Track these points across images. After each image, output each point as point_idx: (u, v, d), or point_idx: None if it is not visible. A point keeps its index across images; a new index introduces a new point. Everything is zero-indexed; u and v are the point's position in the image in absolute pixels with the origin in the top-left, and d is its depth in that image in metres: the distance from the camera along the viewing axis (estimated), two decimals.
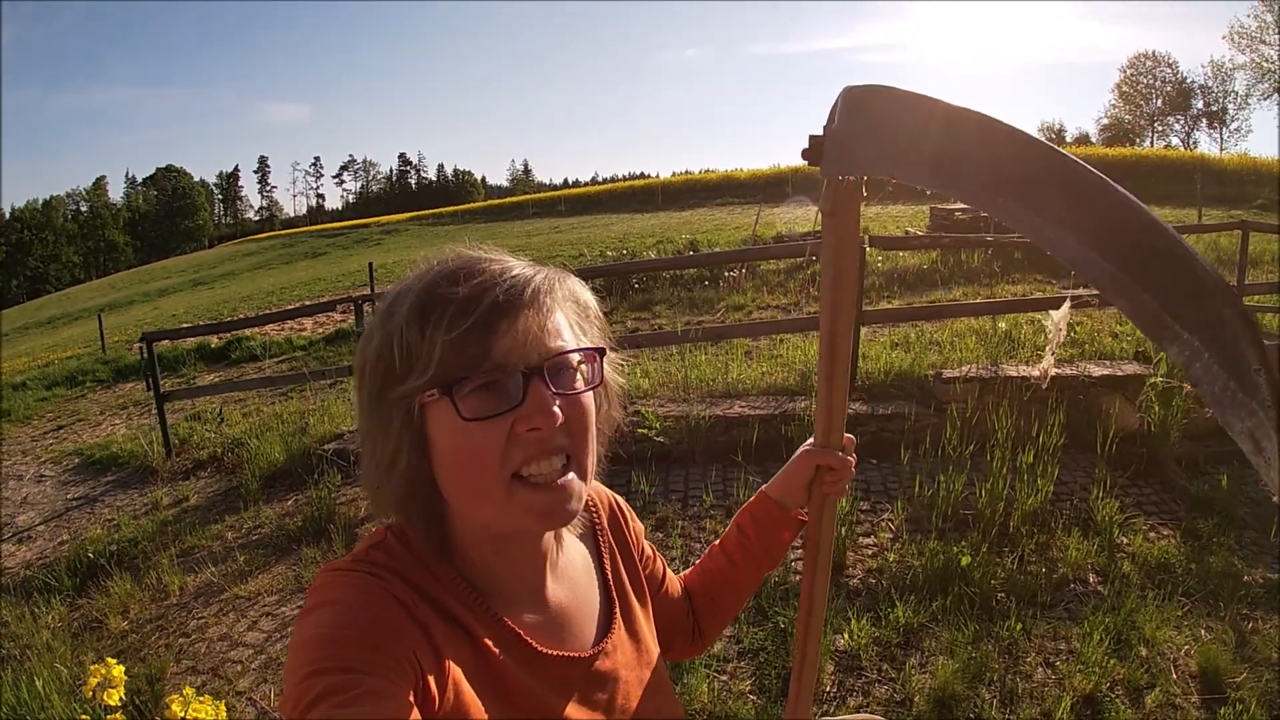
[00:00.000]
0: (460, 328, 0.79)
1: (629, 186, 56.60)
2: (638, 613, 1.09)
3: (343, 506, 5.71)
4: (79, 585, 5.27)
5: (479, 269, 0.84)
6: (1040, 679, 3.44)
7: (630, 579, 1.12)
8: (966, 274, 11.87)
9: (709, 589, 1.28)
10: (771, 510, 1.21)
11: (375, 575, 0.82)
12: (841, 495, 1.17)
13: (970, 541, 4.32)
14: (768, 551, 1.23)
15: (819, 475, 1.14)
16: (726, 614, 1.30)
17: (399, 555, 0.87)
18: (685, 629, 1.27)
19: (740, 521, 1.25)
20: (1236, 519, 4.62)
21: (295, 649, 0.76)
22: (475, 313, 0.80)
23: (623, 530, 1.15)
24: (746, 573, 1.24)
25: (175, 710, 1.91)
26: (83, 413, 11.48)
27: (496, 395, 0.81)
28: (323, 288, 23.27)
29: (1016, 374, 5.74)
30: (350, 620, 0.76)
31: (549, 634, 0.94)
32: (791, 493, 1.19)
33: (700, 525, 4.93)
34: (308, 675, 0.71)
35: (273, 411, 8.81)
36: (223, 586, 4.88)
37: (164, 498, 6.79)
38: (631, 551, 1.15)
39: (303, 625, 0.78)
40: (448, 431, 0.82)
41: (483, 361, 0.80)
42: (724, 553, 1.26)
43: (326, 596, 0.80)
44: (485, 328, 0.80)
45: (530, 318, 0.82)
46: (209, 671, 4.04)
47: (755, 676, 3.59)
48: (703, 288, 12.96)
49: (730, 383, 6.83)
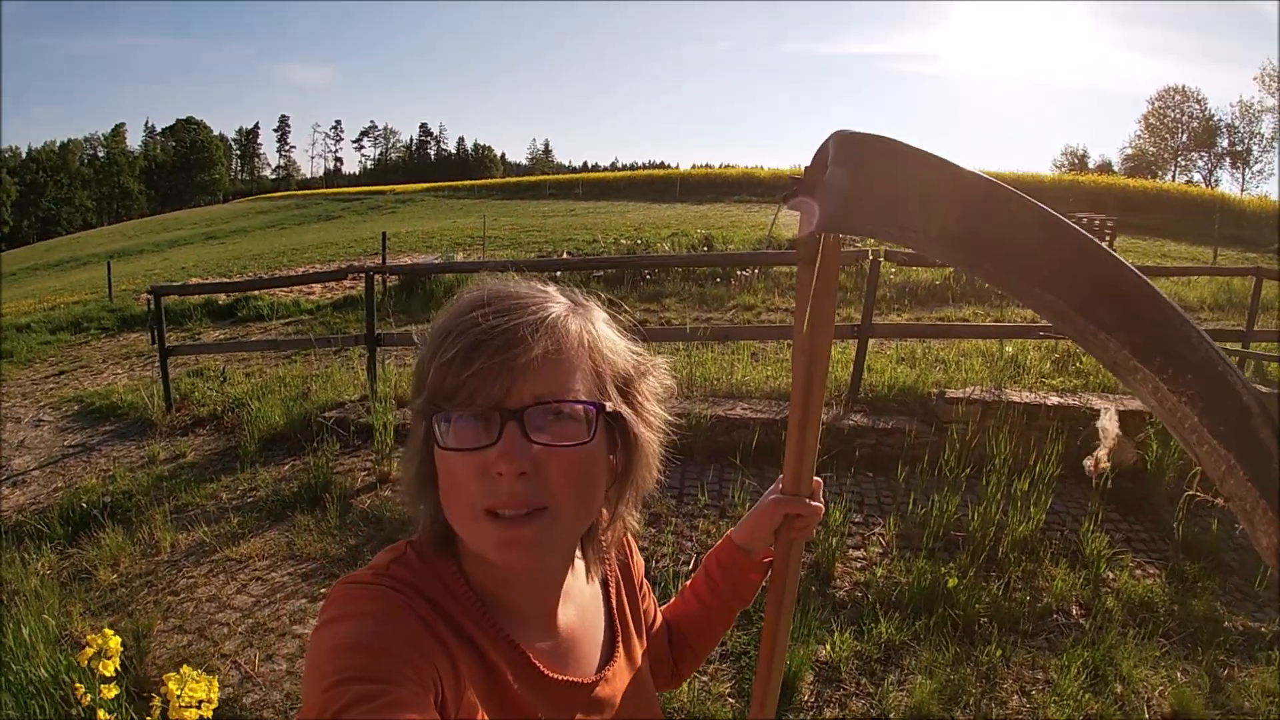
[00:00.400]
0: (444, 356, 0.80)
1: (648, 175, 56.27)
2: (636, 643, 1.10)
3: (339, 476, 5.74)
4: (71, 534, 5.32)
5: (498, 301, 0.83)
6: (1015, 706, 3.47)
7: (631, 610, 1.13)
8: (978, 293, 11.88)
9: (683, 629, 1.29)
10: (737, 556, 1.21)
11: (397, 590, 0.83)
12: (808, 539, 1.18)
13: (959, 563, 4.34)
14: (736, 593, 1.23)
15: (787, 522, 1.13)
16: (700, 653, 1.31)
17: (418, 570, 0.87)
18: (664, 666, 1.28)
19: (708, 565, 1.26)
20: (1223, 564, 4.64)
21: (317, 659, 0.75)
22: (460, 344, 0.80)
23: (628, 561, 1.17)
24: (717, 614, 1.25)
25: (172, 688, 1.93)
26: (85, 359, 11.52)
27: (474, 430, 0.80)
28: (334, 252, 23.26)
29: (1019, 400, 5.75)
30: (374, 632, 0.77)
31: (555, 658, 0.95)
32: (758, 539, 1.18)
33: (693, 524, 4.95)
34: (335, 684, 0.71)
35: (275, 374, 8.83)
36: (214, 547, 4.92)
37: (161, 452, 6.82)
38: (635, 583, 1.17)
39: (323, 636, 0.77)
40: (439, 453, 0.83)
41: (456, 394, 0.80)
42: (695, 595, 1.27)
43: (349, 609, 0.80)
44: (463, 362, 0.79)
45: (518, 358, 0.80)
46: (195, 632, 4.08)
47: (736, 680, 3.63)
48: (714, 284, 12.95)
49: (734, 383, 6.84)
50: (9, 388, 10.03)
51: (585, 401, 0.84)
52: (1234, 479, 0.54)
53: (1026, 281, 0.63)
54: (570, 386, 0.83)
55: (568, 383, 0.83)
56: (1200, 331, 0.56)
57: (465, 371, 0.79)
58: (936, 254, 0.69)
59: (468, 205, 44.21)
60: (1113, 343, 0.58)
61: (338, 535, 4.96)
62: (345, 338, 8.80)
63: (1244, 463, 0.53)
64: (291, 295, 14.55)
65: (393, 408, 6.12)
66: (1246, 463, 0.53)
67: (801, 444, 1.08)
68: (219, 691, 3.51)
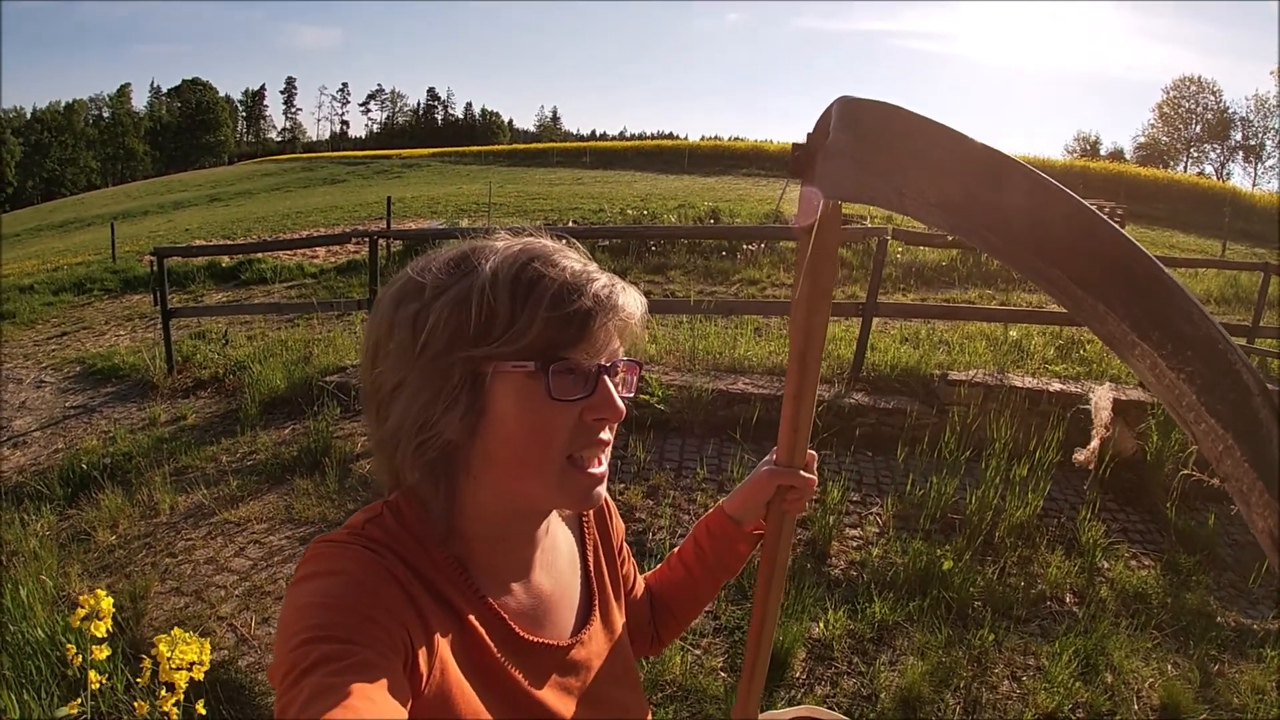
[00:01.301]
0: (566, 308, 0.81)
1: (656, 145, 56.12)
2: (614, 606, 1.11)
3: (339, 440, 5.74)
4: (70, 495, 5.33)
5: (565, 261, 0.85)
6: (1005, 691, 3.48)
7: (610, 573, 1.13)
8: (984, 275, 11.84)
9: (667, 596, 1.30)
10: (727, 526, 1.21)
11: (371, 549, 0.82)
12: (801, 512, 1.18)
13: (954, 546, 4.35)
14: (723, 564, 1.24)
15: (780, 494, 1.14)
16: (683, 620, 1.32)
17: (394, 532, 0.86)
18: (645, 632, 1.28)
19: (697, 534, 1.26)
20: (1218, 559, 4.65)
21: (288, 616, 0.75)
22: (580, 300, 0.81)
23: (607, 525, 1.16)
24: (703, 583, 1.26)
25: (163, 650, 1.94)
26: (88, 321, 11.51)
27: (573, 381, 0.84)
28: (339, 215, 23.22)
29: (1022, 385, 5.74)
30: (346, 592, 0.76)
31: (531, 620, 0.95)
32: (750, 509, 1.19)
33: (691, 497, 4.96)
34: (302, 643, 0.71)
35: (277, 337, 8.83)
36: (213, 510, 4.94)
37: (162, 414, 6.84)
38: (613, 547, 1.16)
39: (296, 594, 0.77)
40: (518, 402, 0.82)
41: (575, 346, 0.82)
42: (682, 563, 1.27)
43: (322, 567, 0.79)
44: (586, 317, 0.82)
45: (613, 319, 0.84)
46: (192, 594, 4.10)
47: (729, 654, 3.64)
48: (720, 258, 12.90)
49: (737, 358, 6.83)
50: (11, 349, 10.03)
51: (641, 361, 0.93)
52: (1231, 459, 0.53)
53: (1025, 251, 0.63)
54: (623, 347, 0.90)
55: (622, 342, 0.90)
56: (1202, 309, 0.55)
57: (589, 325, 0.82)
58: (936, 221, 0.69)
59: (474, 171, 44.07)
60: (1111, 316, 0.58)
61: (336, 499, 4.97)
62: (348, 302, 8.79)
63: (1241, 443, 0.52)
64: (295, 259, 14.52)
65: None
66: (1244, 443, 0.52)
67: (797, 415, 1.07)
68: (214, 654, 3.54)
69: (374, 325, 0.88)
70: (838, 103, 0.77)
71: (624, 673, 1.07)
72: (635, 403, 5.82)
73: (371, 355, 0.87)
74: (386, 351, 0.85)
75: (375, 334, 0.87)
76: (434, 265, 0.85)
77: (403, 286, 0.86)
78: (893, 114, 0.72)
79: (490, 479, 0.87)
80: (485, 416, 0.83)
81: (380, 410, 0.87)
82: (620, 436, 5.60)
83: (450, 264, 0.85)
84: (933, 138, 0.69)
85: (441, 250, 0.88)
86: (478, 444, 0.85)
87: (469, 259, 0.84)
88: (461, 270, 0.83)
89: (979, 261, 12.17)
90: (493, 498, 0.89)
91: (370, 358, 0.88)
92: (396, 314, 0.84)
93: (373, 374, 0.87)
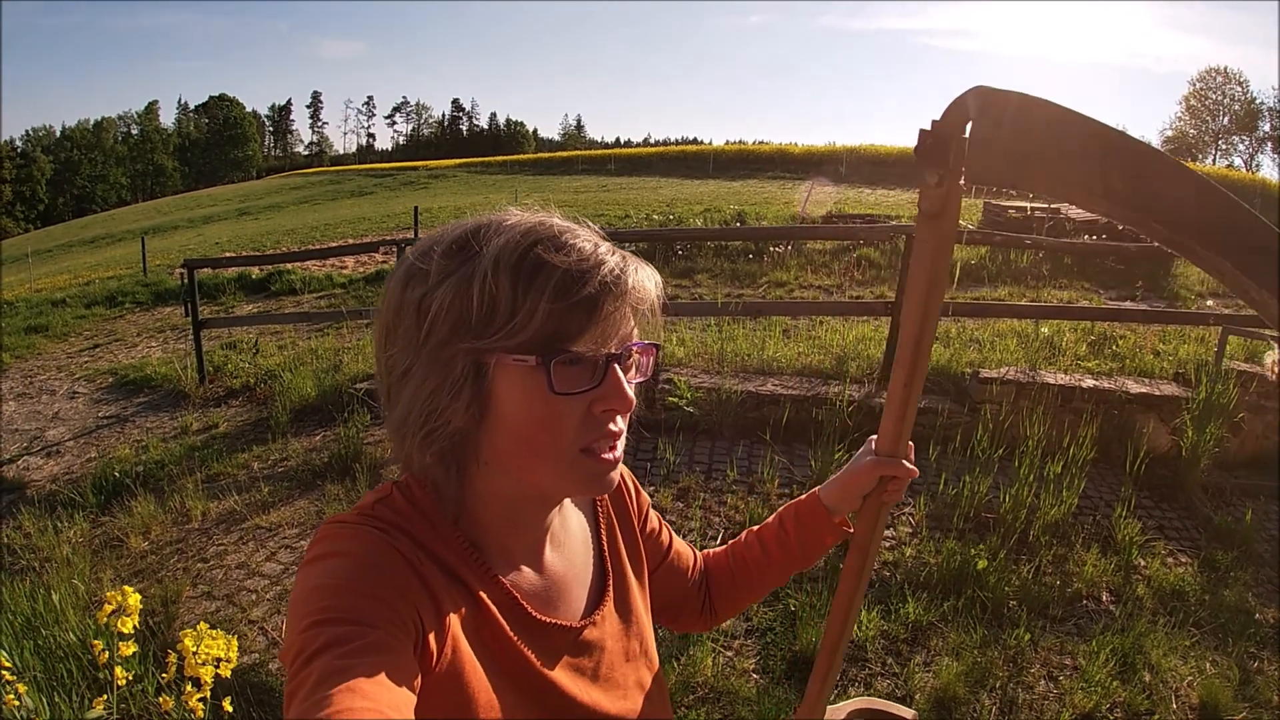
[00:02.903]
0: (569, 299, 0.78)
1: (680, 151, 56.10)
2: (632, 585, 1.10)
3: (370, 446, 5.77)
4: (103, 503, 5.39)
5: (574, 243, 0.82)
6: (1042, 691, 3.43)
7: (628, 551, 1.11)
8: (1014, 273, 11.69)
9: (735, 571, 1.27)
10: (820, 513, 1.19)
11: (381, 530, 0.82)
12: (898, 501, 1.16)
13: (989, 545, 4.29)
14: (805, 552, 1.22)
15: (880, 484, 1.12)
16: (745, 599, 1.29)
17: (405, 512, 0.86)
18: (694, 602, 1.26)
19: (783, 515, 1.24)
20: (1255, 555, 4.55)
21: (298, 598, 0.75)
22: (586, 288, 0.79)
23: (625, 504, 1.15)
24: (778, 566, 1.24)
25: (188, 644, 1.94)
26: (120, 333, 11.66)
27: (579, 372, 0.81)
28: (367, 227, 23.37)
29: (1054, 381, 5.66)
30: (355, 573, 0.76)
31: (544, 600, 0.95)
32: (848, 499, 1.17)
33: (721, 500, 4.93)
34: (311, 625, 0.71)
35: (308, 346, 8.91)
36: (244, 515, 4.97)
37: (194, 423, 6.91)
38: (633, 523, 1.14)
39: (306, 575, 0.77)
40: (523, 396, 0.81)
41: (579, 337, 0.80)
42: (760, 542, 1.25)
43: (331, 548, 0.79)
44: (592, 305, 0.79)
45: (623, 303, 0.82)
46: (224, 598, 4.13)
47: (760, 655, 3.61)
48: (746, 260, 12.84)
49: (765, 360, 6.79)
50: (44, 361, 10.19)
51: (652, 344, 0.90)
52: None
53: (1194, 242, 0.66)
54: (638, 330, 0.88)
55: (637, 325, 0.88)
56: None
57: (594, 314, 0.80)
58: (1101, 209, 0.72)
59: (500, 181, 44.23)
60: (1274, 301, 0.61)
61: None
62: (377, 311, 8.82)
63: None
64: (324, 269, 14.65)
65: None
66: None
67: (905, 402, 1.06)
68: (245, 656, 3.57)
69: (385, 306, 0.87)
70: (973, 92, 0.79)
71: (641, 652, 1.06)
72: (664, 405, 5.82)
73: (383, 335, 0.87)
74: (395, 334, 0.85)
75: (385, 316, 0.86)
76: (439, 247, 0.84)
77: (408, 269, 0.85)
78: (1033, 104, 0.74)
79: (500, 467, 0.86)
80: (490, 408, 0.82)
81: (391, 393, 0.87)
82: (649, 439, 5.64)
83: (454, 246, 0.83)
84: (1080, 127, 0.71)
85: (448, 228, 0.87)
86: (485, 433, 0.84)
87: (473, 241, 0.82)
88: (465, 254, 0.82)
89: (1009, 259, 12.03)
90: (504, 484, 0.88)
91: (382, 338, 0.87)
92: (404, 295, 0.84)
93: (385, 355, 0.87)
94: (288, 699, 0.67)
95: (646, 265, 0.87)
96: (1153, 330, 8.03)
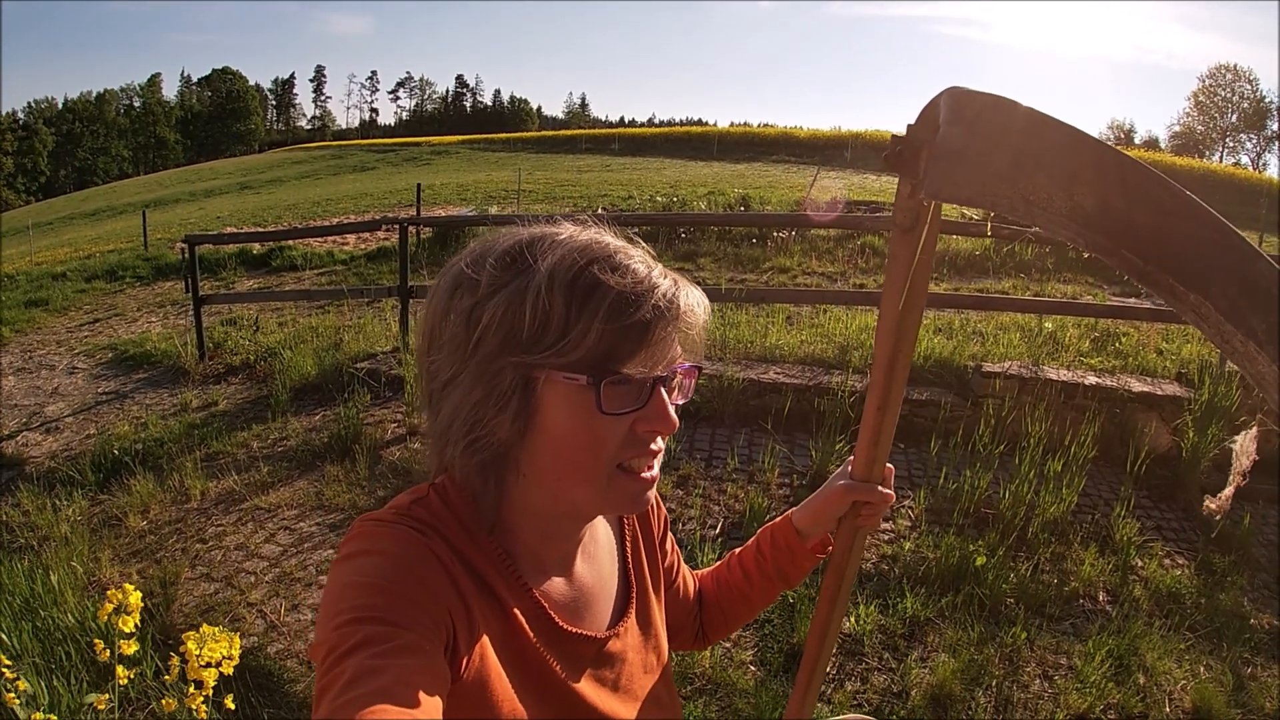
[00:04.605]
0: (622, 321, 0.78)
1: (685, 132, 55.81)
2: (652, 599, 1.10)
3: (369, 427, 5.76)
4: (101, 481, 5.38)
5: (629, 264, 0.82)
6: (1037, 691, 3.43)
7: (650, 566, 1.11)
8: (1018, 265, 11.65)
9: (721, 594, 1.27)
10: (792, 539, 1.18)
11: (418, 530, 0.82)
12: (875, 529, 1.14)
13: (987, 542, 4.29)
14: (783, 575, 1.21)
15: (854, 509, 1.10)
16: (734, 623, 1.29)
17: (440, 514, 0.86)
18: (690, 625, 1.27)
19: (760, 540, 1.23)
20: (1252, 559, 4.56)
21: (333, 594, 0.75)
22: (640, 311, 0.79)
23: (648, 517, 1.14)
24: (759, 590, 1.23)
25: (191, 647, 1.92)
26: (120, 308, 11.63)
27: (626, 392, 0.81)
28: (369, 203, 23.31)
29: (1057, 377, 5.65)
30: (391, 572, 0.76)
31: (571, 611, 0.95)
32: (820, 523, 1.16)
33: (721, 488, 4.93)
34: (346, 623, 0.71)
35: (308, 324, 8.87)
36: (244, 495, 4.97)
37: (193, 400, 6.89)
38: (654, 539, 1.14)
39: (341, 571, 0.77)
40: (570, 413, 0.81)
41: (630, 360, 0.80)
42: (740, 566, 1.25)
43: (367, 545, 0.80)
44: (645, 329, 0.79)
45: (674, 330, 0.82)
46: (222, 580, 4.13)
47: (758, 648, 3.62)
48: (750, 245, 12.78)
49: (768, 347, 6.77)
50: (44, 335, 10.16)
51: (700, 365, 0.90)
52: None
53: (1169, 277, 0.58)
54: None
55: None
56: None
57: (646, 338, 0.80)
58: (1066, 234, 0.63)
59: (503, 158, 44.12)
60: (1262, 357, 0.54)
61: (366, 486, 4.99)
62: (378, 289, 8.83)
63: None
64: (325, 245, 14.58)
65: None
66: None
67: (879, 427, 1.03)
68: (244, 641, 3.56)
69: (430, 310, 0.87)
70: (947, 94, 0.72)
71: (658, 665, 1.06)
72: None
73: (427, 340, 0.87)
74: (440, 340, 0.84)
75: (431, 319, 0.86)
76: (491, 257, 0.83)
77: (458, 275, 0.84)
78: (1011, 109, 0.66)
79: (539, 480, 0.86)
80: (535, 422, 0.82)
81: (433, 399, 0.87)
82: None
83: (507, 257, 0.82)
84: (1057, 138, 0.64)
85: (500, 238, 0.86)
86: (527, 446, 0.84)
87: (526, 254, 0.82)
88: (518, 267, 0.81)
89: (1012, 251, 11.98)
90: (541, 498, 0.88)
91: (426, 342, 0.87)
92: (452, 302, 0.83)
93: (428, 360, 0.86)
94: (318, 695, 0.68)
95: (696, 288, 0.87)
96: (1155, 328, 8.01)
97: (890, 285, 0.93)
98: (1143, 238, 0.59)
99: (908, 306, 0.94)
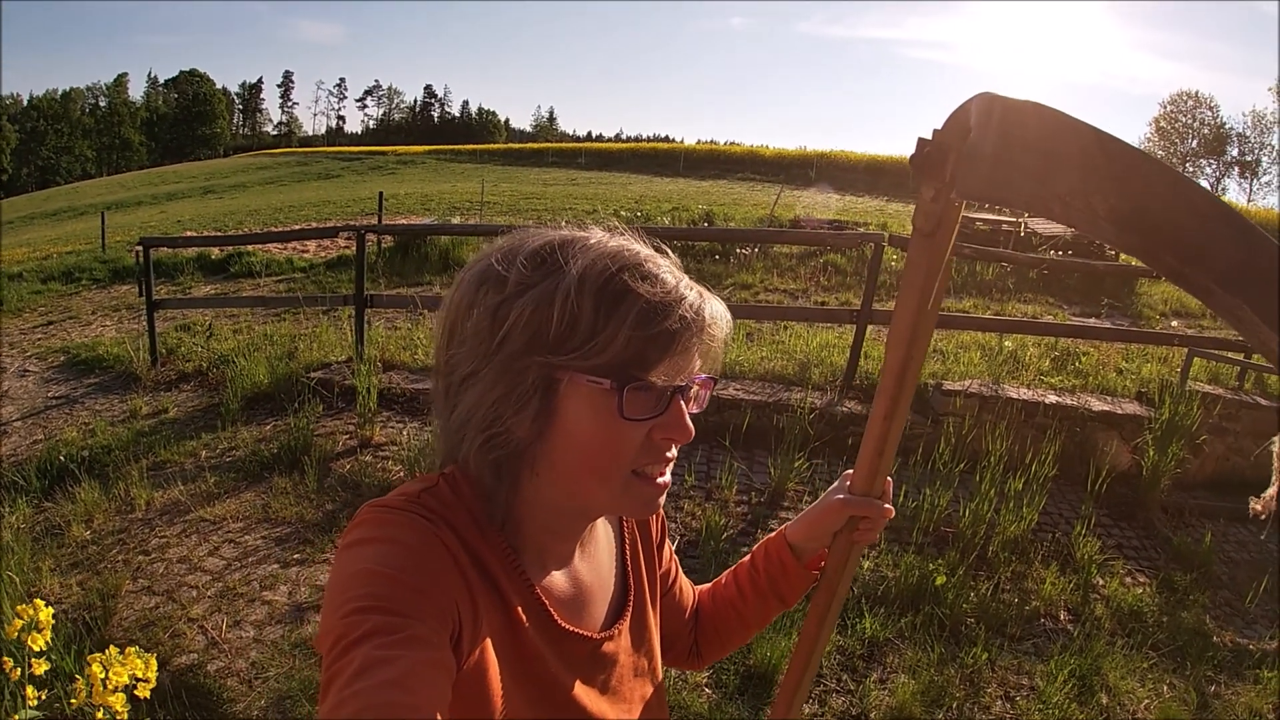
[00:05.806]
0: (650, 329, 0.79)
1: (652, 148, 56.09)
2: (648, 604, 1.09)
3: (320, 439, 5.62)
4: (47, 488, 5.18)
5: (658, 273, 0.83)
6: (999, 712, 3.39)
7: (647, 570, 1.11)
8: (979, 285, 11.73)
9: (716, 610, 1.24)
10: (785, 555, 1.14)
11: (427, 519, 0.81)
12: (872, 543, 1.11)
13: (948, 561, 4.26)
14: (776, 592, 1.16)
15: (851, 523, 1.06)
16: (729, 641, 1.25)
17: (450, 504, 0.86)
18: (684, 641, 1.24)
19: (755, 554, 1.20)
20: (1213, 577, 4.57)
21: (341, 581, 0.74)
22: (667, 321, 0.80)
23: (648, 522, 1.14)
24: (754, 606, 1.19)
25: (95, 671, 1.79)
26: (75, 310, 11.34)
27: (647, 399, 0.82)
28: (331, 210, 23.07)
29: (1017, 396, 5.65)
30: (400, 561, 0.76)
31: (570, 609, 0.95)
32: (815, 538, 1.11)
33: (679, 505, 4.85)
34: (354, 611, 0.70)
35: (263, 331, 8.68)
36: (189, 507, 4.81)
37: (143, 407, 6.70)
38: (653, 544, 1.14)
39: (349, 558, 0.77)
40: (591, 416, 0.81)
41: (654, 368, 0.80)
42: (735, 580, 1.22)
43: (376, 533, 0.79)
44: (671, 339, 0.80)
45: (698, 342, 0.84)
46: (164, 594, 3.98)
47: (714, 670, 3.53)
48: (712, 261, 12.76)
49: (728, 363, 6.71)
50: None
51: (715, 378, 0.90)
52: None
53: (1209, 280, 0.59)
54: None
55: None
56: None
57: (672, 347, 0.81)
58: (1102, 234, 0.65)
59: (469, 170, 43.99)
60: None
61: (314, 499, 4.85)
62: (334, 297, 8.68)
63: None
64: (285, 252, 14.34)
65: (378, 370, 6.01)
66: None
67: (885, 437, 0.98)
68: (183, 658, 3.43)
69: (453, 304, 0.86)
70: (977, 99, 0.73)
71: (649, 669, 1.06)
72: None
73: (447, 334, 0.86)
74: (462, 335, 0.84)
75: (453, 313, 0.86)
76: (520, 255, 0.83)
77: (484, 271, 0.84)
78: (1041, 112, 0.68)
79: (553, 480, 0.87)
80: (554, 422, 0.83)
81: (450, 394, 0.87)
82: None
83: (537, 257, 0.82)
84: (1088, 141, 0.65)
85: (530, 237, 0.86)
86: (544, 446, 0.84)
87: (558, 255, 0.82)
88: (548, 267, 0.81)
89: (973, 270, 12.08)
90: (552, 495, 0.89)
91: (446, 336, 0.87)
92: (477, 298, 0.83)
93: (447, 354, 0.86)
94: (325, 684, 0.67)
95: (719, 301, 0.88)
96: (1115, 348, 8.07)
97: (907, 289, 0.91)
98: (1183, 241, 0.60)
99: (923, 312, 0.91)
